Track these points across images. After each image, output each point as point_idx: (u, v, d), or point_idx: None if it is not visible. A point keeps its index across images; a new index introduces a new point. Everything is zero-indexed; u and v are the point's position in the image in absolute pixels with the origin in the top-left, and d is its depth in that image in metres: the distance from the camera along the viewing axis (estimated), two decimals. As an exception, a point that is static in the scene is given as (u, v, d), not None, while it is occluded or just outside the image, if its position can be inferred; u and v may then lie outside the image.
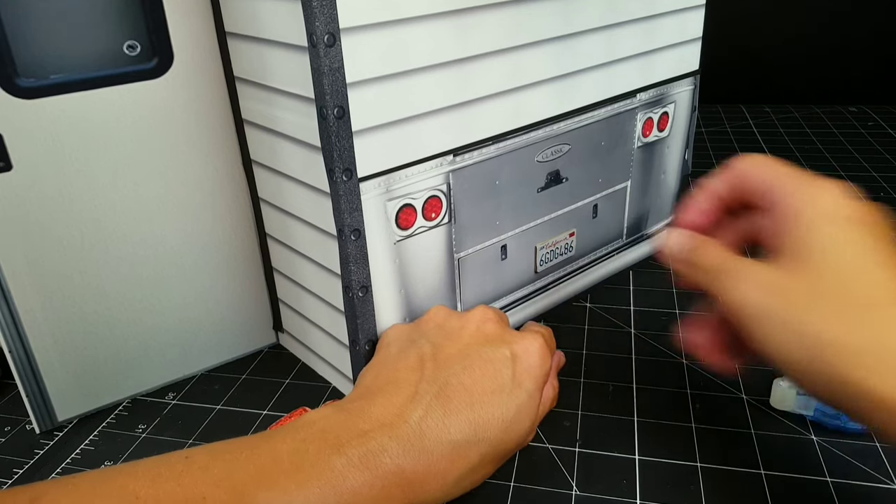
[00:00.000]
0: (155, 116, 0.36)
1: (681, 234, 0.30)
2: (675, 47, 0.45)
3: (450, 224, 0.37)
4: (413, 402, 0.29)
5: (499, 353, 0.31)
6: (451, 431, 0.28)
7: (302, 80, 0.31)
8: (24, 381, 0.36)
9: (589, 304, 0.47)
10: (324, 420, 0.28)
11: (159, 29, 0.34)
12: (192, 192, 0.38)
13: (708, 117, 0.87)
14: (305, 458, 0.26)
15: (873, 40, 0.91)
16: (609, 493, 0.32)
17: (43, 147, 0.33)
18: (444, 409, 0.28)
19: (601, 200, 0.45)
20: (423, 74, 0.33)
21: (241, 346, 0.43)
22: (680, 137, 0.49)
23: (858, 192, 0.27)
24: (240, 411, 0.39)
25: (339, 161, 0.31)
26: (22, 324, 0.35)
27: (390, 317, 0.37)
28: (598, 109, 0.42)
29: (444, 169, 0.36)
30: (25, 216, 0.34)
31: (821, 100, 0.92)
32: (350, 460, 0.26)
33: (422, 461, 0.27)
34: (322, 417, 0.28)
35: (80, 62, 0.33)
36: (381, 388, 0.30)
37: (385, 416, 0.28)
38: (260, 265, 0.42)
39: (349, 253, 0.33)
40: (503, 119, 0.37)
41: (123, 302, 0.38)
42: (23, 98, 0.32)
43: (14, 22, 0.31)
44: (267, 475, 0.25)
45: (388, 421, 0.28)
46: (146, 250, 0.38)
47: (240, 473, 0.25)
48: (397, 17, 0.31)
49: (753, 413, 0.36)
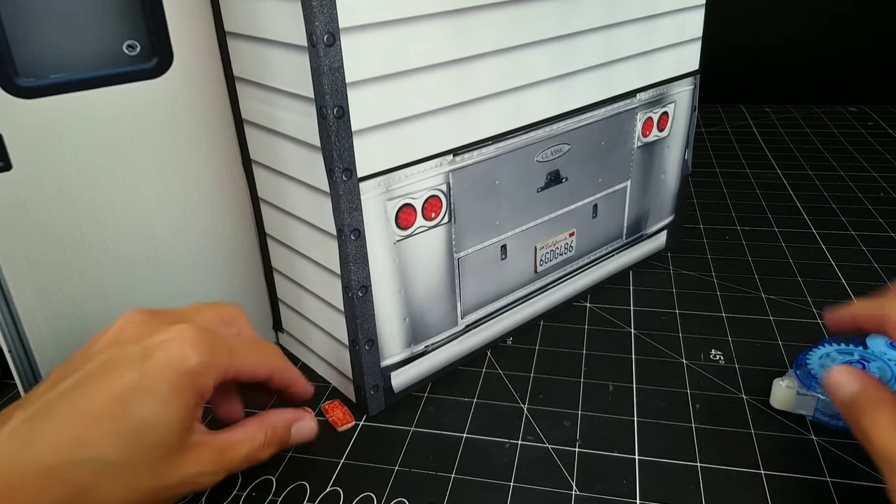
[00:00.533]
0: (155, 116, 0.36)
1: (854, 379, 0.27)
2: (674, 47, 0.45)
3: (449, 224, 0.37)
4: (16, 414, 0.25)
5: (124, 356, 0.27)
6: (39, 454, 0.24)
7: (302, 80, 0.31)
8: (23, 381, 0.36)
9: (589, 304, 0.47)
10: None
11: (159, 29, 0.34)
12: (191, 192, 0.38)
13: (708, 117, 0.87)
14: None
15: (873, 40, 0.91)
16: (609, 493, 0.32)
17: (43, 147, 0.33)
18: (33, 430, 0.25)
19: (601, 200, 0.45)
20: (422, 74, 0.33)
21: (240, 346, 0.43)
22: (680, 137, 0.49)
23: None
24: (240, 411, 0.39)
25: (339, 161, 0.31)
26: (22, 324, 0.35)
27: (390, 316, 0.37)
28: (598, 109, 0.42)
29: (443, 169, 0.36)
30: (25, 216, 0.34)
31: (821, 100, 0.92)
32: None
33: (4, 483, 0.24)
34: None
35: (79, 62, 0.33)
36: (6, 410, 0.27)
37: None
38: (260, 265, 0.42)
39: (349, 253, 0.33)
40: (503, 119, 0.37)
41: (123, 302, 0.38)
42: (23, 98, 0.32)
43: (14, 22, 0.31)
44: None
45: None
46: (146, 250, 0.38)
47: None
48: (397, 17, 0.31)
49: (753, 413, 0.36)
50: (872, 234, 0.55)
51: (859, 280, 0.49)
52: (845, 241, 0.54)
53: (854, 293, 0.47)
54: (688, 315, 0.45)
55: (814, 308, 0.45)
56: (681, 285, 0.49)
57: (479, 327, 0.41)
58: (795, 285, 0.48)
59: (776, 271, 0.50)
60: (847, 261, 0.51)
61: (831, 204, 0.61)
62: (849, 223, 0.58)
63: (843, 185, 0.66)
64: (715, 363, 0.40)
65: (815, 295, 0.47)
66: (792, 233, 0.56)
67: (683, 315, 0.45)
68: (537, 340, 0.43)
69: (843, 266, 0.51)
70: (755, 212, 0.60)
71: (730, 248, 0.54)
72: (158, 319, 0.29)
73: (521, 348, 0.43)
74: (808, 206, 0.61)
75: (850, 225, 0.57)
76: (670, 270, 0.51)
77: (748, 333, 0.43)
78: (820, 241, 0.55)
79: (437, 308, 0.39)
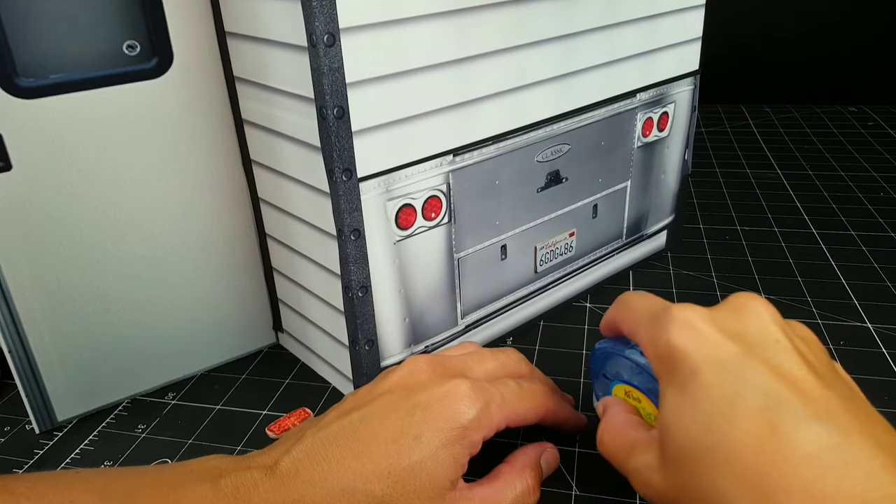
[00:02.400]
0: (155, 116, 0.36)
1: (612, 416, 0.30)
2: (674, 47, 0.45)
3: (449, 224, 0.37)
4: (296, 445, 0.28)
5: (407, 402, 0.28)
6: (327, 477, 0.27)
7: (302, 80, 0.31)
8: (23, 381, 0.36)
9: (589, 304, 0.47)
10: (221, 462, 0.28)
11: (159, 29, 0.34)
12: (191, 192, 0.38)
13: (708, 117, 0.87)
14: (183, 483, 0.26)
15: (873, 40, 0.91)
16: (609, 493, 0.32)
17: (43, 147, 0.33)
18: (326, 455, 0.27)
19: (601, 200, 0.45)
20: (422, 74, 0.33)
21: (240, 346, 0.43)
22: (680, 137, 0.49)
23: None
24: (239, 411, 0.39)
25: (339, 161, 0.31)
26: (22, 324, 0.35)
27: (390, 317, 0.37)
28: (598, 109, 0.42)
29: (443, 169, 0.36)
30: (25, 216, 0.34)
31: (821, 100, 0.92)
32: (221, 489, 0.26)
33: (291, 501, 0.26)
34: (221, 461, 0.28)
35: (79, 62, 0.33)
36: (283, 439, 0.30)
37: (269, 459, 0.28)
38: (260, 265, 0.42)
39: (349, 253, 0.33)
40: (503, 119, 0.37)
41: (123, 302, 0.38)
42: (23, 98, 0.32)
43: (14, 22, 0.31)
44: (141, 491, 0.26)
45: (270, 462, 0.27)
46: (146, 250, 0.38)
47: (116, 484, 0.26)
48: (397, 17, 0.31)
49: (753, 413, 0.36)
50: (872, 234, 0.55)
51: (859, 280, 0.49)
52: (845, 241, 0.54)
53: (854, 293, 0.47)
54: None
55: (814, 308, 0.45)
56: (681, 285, 0.49)
57: (479, 327, 0.41)
58: (795, 285, 0.48)
59: (776, 271, 0.50)
60: (847, 261, 0.51)
61: (831, 204, 0.61)
62: (849, 223, 0.58)
63: (843, 185, 0.66)
64: (715, 363, 0.40)
65: (815, 295, 0.47)
66: (792, 233, 0.56)
67: (683, 315, 0.45)
68: (537, 340, 0.43)
69: (843, 266, 0.51)
70: (755, 212, 0.60)
71: (730, 248, 0.54)
72: (441, 369, 0.31)
73: (521, 348, 0.43)
74: (808, 206, 0.61)
75: (850, 225, 0.57)
76: (670, 270, 0.51)
77: (748, 333, 0.43)
78: (820, 241, 0.55)
79: (437, 308, 0.39)
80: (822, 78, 0.94)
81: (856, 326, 0.43)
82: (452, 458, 0.28)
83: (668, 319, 0.26)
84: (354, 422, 0.28)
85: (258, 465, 0.27)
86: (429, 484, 0.27)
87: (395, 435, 0.27)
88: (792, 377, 0.24)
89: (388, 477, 0.27)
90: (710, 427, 0.24)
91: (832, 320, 0.44)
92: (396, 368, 0.31)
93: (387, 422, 0.28)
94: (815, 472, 0.21)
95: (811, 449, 0.22)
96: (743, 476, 0.22)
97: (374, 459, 0.27)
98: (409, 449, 0.27)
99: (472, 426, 0.28)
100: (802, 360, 0.25)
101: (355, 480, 0.26)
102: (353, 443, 0.27)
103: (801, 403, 0.23)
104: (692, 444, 0.24)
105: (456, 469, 0.28)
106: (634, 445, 0.28)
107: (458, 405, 0.28)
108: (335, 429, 0.28)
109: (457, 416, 0.28)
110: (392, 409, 0.28)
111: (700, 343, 0.25)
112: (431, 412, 0.28)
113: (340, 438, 0.28)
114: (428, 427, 0.28)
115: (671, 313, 0.26)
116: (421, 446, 0.27)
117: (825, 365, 0.26)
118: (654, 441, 0.27)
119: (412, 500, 0.27)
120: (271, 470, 0.27)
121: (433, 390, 0.29)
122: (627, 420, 0.30)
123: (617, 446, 0.29)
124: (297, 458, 0.27)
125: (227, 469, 0.27)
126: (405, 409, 0.28)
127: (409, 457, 0.27)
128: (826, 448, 0.22)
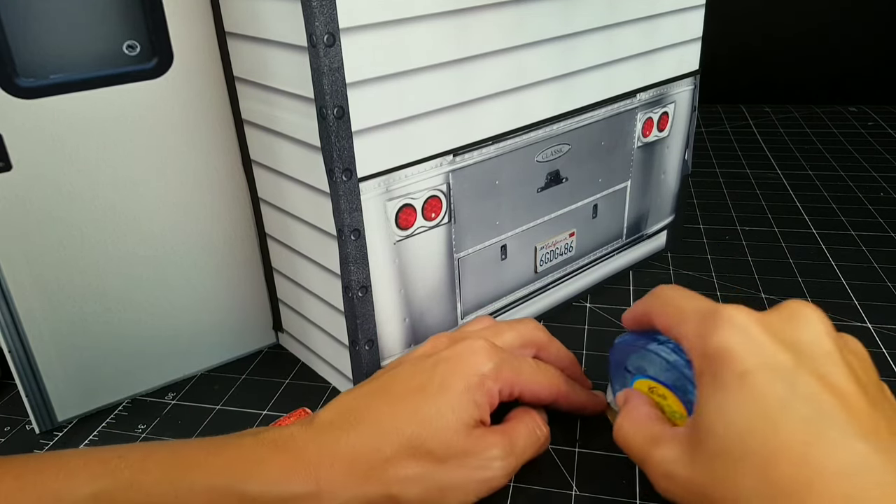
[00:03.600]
0: (155, 116, 0.36)
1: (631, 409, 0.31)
2: (674, 47, 0.45)
3: (450, 224, 0.37)
4: (331, 405, 0.31)
5: (431, 360, 0.31)
6: (360, 421, 0.29)
7: (302, 80, 0.31)
8: (23, 381, 0.36)
9: (589, 304, 0.47)
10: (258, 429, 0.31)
11: (159, 29, 0.34)
12: (191, 192, 0.38)
13: (708, 117, 0.87)
14: (223, 442, 0.29)
15: (873, 40, 0.91)
16: (609, 493, 0.32)
17: (43, 147, 0.33)
18: (358, 406, 0.30)
19: (601, 200, 0.45)
20: (423, 74, 0.33)
21: (240, 346, 0.43)
22: (680, 137, 0.49)
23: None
24: (239, 411, 0.39)
25: (339, 161, 0.31)
26: (22, 324, 0.35)
27: (390, 317, 0.37)
28: (598, 109, 0.42)
29: (443, 169, 0.36)
30: (25, 216, 0.34)
31: (821, 100, 0.92)
32: (260, 440, 0.28)
33: (326, 447, 0.28)
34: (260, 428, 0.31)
35: (79, 62, 0.33)
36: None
37: (306, 419, 0.30)
38: (260, 265, 0.42)
39: (349, 253, 0.33)
40: (503, 119, 0.37)
41: (123, 302, 0.38)
42: (23, 98, 0.32)
43: (14, 22, 0.31)
44: (181, 447, 0.28)
45: (307, 420, 0.30)
46: (146, 250, 0.38)
47: (157, 444, 0.28)
48: (397, 17, 0.31)
49: (753, 413, 0.36)
50: (872, 234, 0.55)
51: (859, 280, 0.49)
52: (845, 241, 0.54)
53: (854, 293, 0.47)
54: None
55: (814, 308, 0.45)
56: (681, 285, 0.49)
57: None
58: (795, 285, 0.48)
59: (776, 271, 0.50)
60: (847, 261, 0.51)
61: (831, 204, 0.61)
62: (849, 223, 0.58)
63: (843, 185, 0.66)
64: (715, 363, 0.40)
65: (815, 295, 0.47)
66: (792, 233, 0.56)
67: (683, 315, 0.45)
68: (537, 340, 0.43)
69: (843, 266, 0.51)
70: (755, 212, 0.60)
71: (730, 248, 0.54)
72: (458, 337, 0.33)
73: (521, 348, 0.43)
74: (808, 206, 0.61)
75: (850, 225, 0.57)
76: (670, 270, 0.51)
77: (748, 333, 0.43)
78: (820, 241, 0.55)
79: (437, 308, 0.39)
80: (822, 78, 0.94)
81: (856, 326, 0.43)
82: (474, 400, 0.30)
83: (719, 320, 0.27)
84: (384, 380, 0.31)
85: (296, 424, 0.30)
86: (455, 421, 0.29)
87: (422, 384, 0.30)
88: (840, 391, 0.24)
89: (416, 416, 0.29)
90: (754, 430, 0.24)
91: (832, 320, 0.44)
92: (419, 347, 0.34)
93: (414, 376, 0.31)
94: (857, 488, 0.22)
95: (854, 465, 0.22)
96: (781, 482, 0.23)
97: (403, 404, 0.30)
98: (435, 393, 0.30)
99: (490, 375, 0.31)
100: (852, 374, 0.25)
101: (386, 422, 0.29)
102: (384, 394, 0.30)
103: (848, 418, 0.23)
104: (732, 444, 0.24)
105: (479, 410, 0.30)
106: (658, 438, 0.28)
107: (476, 357, 0.31)
108: (366, 388, 0.31)
109: (476, 365, 0.31)
110: (418, 369, 0.31)
111: (752, 347, 0.25)
112: (452, 363, 0.31)
113: (372, 393, 0.31)
114: (450, 374, 0.30)
115: (723, 314, 0.27)
116: (445, 391, 0.30)
117: (874, 382, 0.26)
118: (680, 436, 0.27)
119: (439, 437, 0.29)
120: (309, 424, 0.30)
121: (454, 348, 0.32)
122: (650, 413, 0.30)
123: (639, 436, 0.29)
124: (332, 412, 0.30)
125: (268, 429, 0.30)
126: (430, 364, 0.31)
127: (435, 400, 0.30)
128: (869, 466, 0.22)
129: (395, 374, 0.31)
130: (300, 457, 0.28)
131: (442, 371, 0.31)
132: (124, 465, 0.26)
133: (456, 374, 0.30)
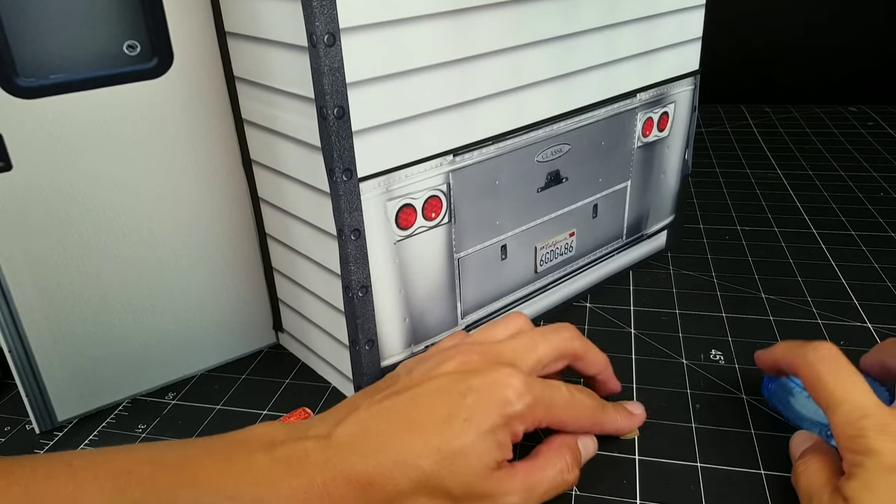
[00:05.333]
0: (155, 116, 0.36)
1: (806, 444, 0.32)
2: (674, 47, 0.45)
3: (450, 224, 0.37)
4: (350, 417, 0.29)
5: (461, 385, 0.30)
6: (379, 449, 0.28)
7: (302, 80, 0.31)
8: (24, 381, 0.36)
9: (589, 304, 0.47)
10: (271, 430, 0.29)
11: (159, 29, 0.34)
12: (191, 192, 0.38)
13: (708, 117, 0.87)
14: (236, 452, 0.27)
15: (873, 40, 0.91)
16: (609, 493, 0.32)
17: (43, 147, 0.33)
18: (379, 428, 0.28)
19: (601, 200, 0.45)
20: (423, 74, 0.33)
21: (241, 346, 0.43)
22: (680, 137, 0.49)
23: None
24: (239, 411, 0.39)
25: (339, 161, 0.31)
26: (22, 324, 0.35)
27: (390, 317, 0.37)
28: (598, 109, 0.42)
29: (444, 169, 0.36)
30: (25, 216, 0.34)
31: (821, 100, 0.92)
32: (273, 459, 0.27)
33: (341, 472, 0.27)
34: (272, 429, 0.29)
35: (80, 62, 0.33)
36: (335, 408, 0.31)
37: (321, 429, 0.29)
38: (260, 265, 0.42)
39: (349, 253, 0.33)
40: (503, 119, 0.37)
41: (123, 302, 0.38)
42: (23, 98, 0.32)
43: (14, 22, 0.31)
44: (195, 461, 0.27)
45: (323, 433, 0.28)
46: (146, 250, 0.38)
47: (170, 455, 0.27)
48: (397, 17, 0.31)
49: (753, 413, 0.36)
50: (872, 234, 0.55)
51: (859, 280, 0.49)
52: (845, 241, 0.54)
53: (854, 293, 0.47)
54: (688, 315, 0.45)
55: (814, 308, 0.45)
56: (681, 285, 0.49)
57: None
58: (795, 285, 0.48)
59: (776, 271, 0.50)
60: (847, 261, 0.51)
61: (831, 204, 0.61)
62: (849, 223, 0.58)
63: (843, 185, 0.66)
64: (715, 363, 0.40)
65: (815, 295, 0.47)
66: (792, 233, 0.56)
67: (683, 315, 0.45)
68: (537, 340, 0.43)
69: (843, 266, 0.51)
70: (755, 212, 0.60)
71: (730, 248, 0.54)
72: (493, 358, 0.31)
73: (521, 348, 0.43)
74: (808, 206, 0.61)
75: (850, 225, 0.57)
76: (670, 270, 0.51)
77: (748, 333, 0.43)
78: (820, 241, 0.55)
79: (438, 308, 0.39)
80: (822, 78, 0.94)
81: (856, 326, 0.43)
82: (498, 442, 0.29)
83: (868, 432, 0.28)
84: (408, 399, 0.29)
85: (312, 435, 0.28)
86: (477, 463, 0.28)
87: (448, 415, 0.29)
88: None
89: (438, 454, 0.28)
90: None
91: (832, 320, 0.44)
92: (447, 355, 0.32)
93: (440, 402, 0.29)
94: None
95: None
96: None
97: (426, 436, 0.28)
98: (460, 430, 0.28)
99: (517, 416, 0.30)
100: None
101: (406, 454, 0.28)
102: (406, 419, 0.29)
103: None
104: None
105: (501, 452, 0.29)
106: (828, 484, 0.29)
107: (507, 394, 0.29)
108: (389, 404, 0.29)
109: (506, 405, 0.29)
110: (445, 391, 0.29)
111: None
112: (482, 397, 0.29)
113: (394, 413, 0.29)
114: (478, 411, 0.29)
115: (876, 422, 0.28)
116: (471, 428, 0.28)
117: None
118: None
119: (459, 478, 0.28)
120: (325, 440, 0.28)
121: (486, 377, 0.30)
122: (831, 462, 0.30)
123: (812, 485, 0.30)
124: (351, 430, 0.28)
125: (280, 438, 0.28)
126: (458, 391, 0.29)
127: (459, 437, 0.28)
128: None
129: (420, 393, 0.30)
130: (314, 482, 0.27)
131: (470, 405, 0.29)
132: (135, 483, 0.26)
133: (483, 410, 0.29)
